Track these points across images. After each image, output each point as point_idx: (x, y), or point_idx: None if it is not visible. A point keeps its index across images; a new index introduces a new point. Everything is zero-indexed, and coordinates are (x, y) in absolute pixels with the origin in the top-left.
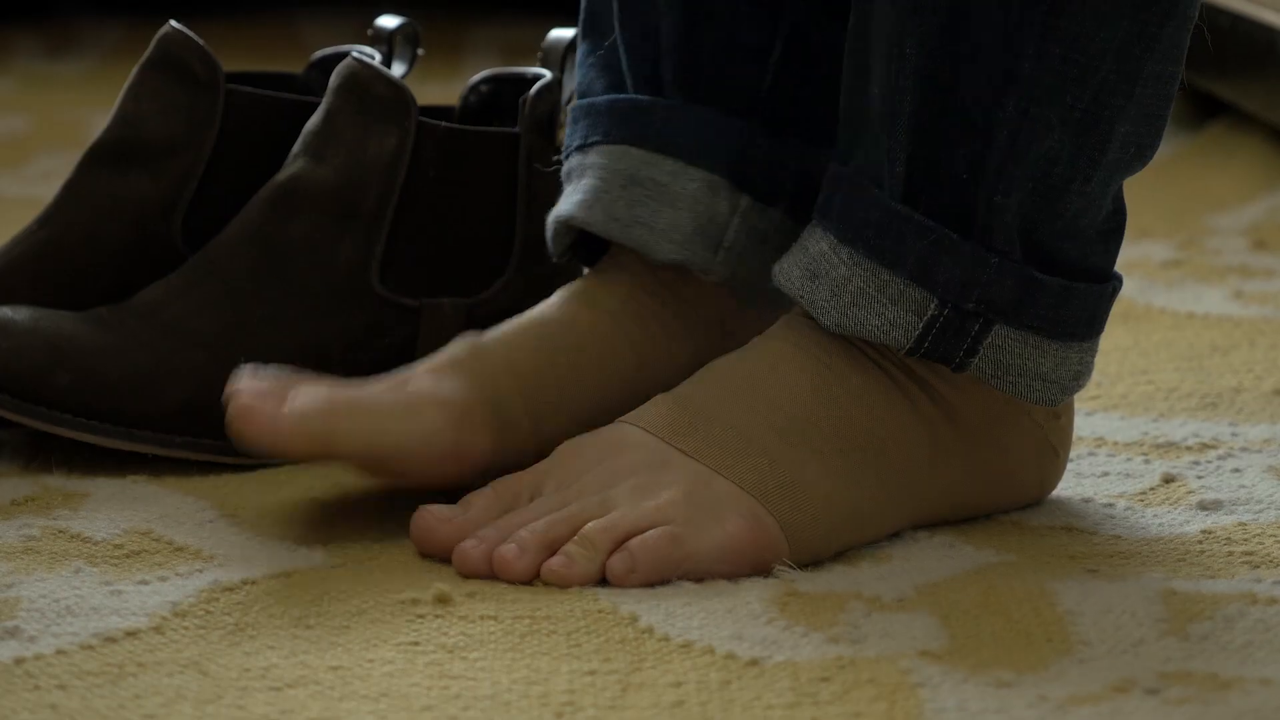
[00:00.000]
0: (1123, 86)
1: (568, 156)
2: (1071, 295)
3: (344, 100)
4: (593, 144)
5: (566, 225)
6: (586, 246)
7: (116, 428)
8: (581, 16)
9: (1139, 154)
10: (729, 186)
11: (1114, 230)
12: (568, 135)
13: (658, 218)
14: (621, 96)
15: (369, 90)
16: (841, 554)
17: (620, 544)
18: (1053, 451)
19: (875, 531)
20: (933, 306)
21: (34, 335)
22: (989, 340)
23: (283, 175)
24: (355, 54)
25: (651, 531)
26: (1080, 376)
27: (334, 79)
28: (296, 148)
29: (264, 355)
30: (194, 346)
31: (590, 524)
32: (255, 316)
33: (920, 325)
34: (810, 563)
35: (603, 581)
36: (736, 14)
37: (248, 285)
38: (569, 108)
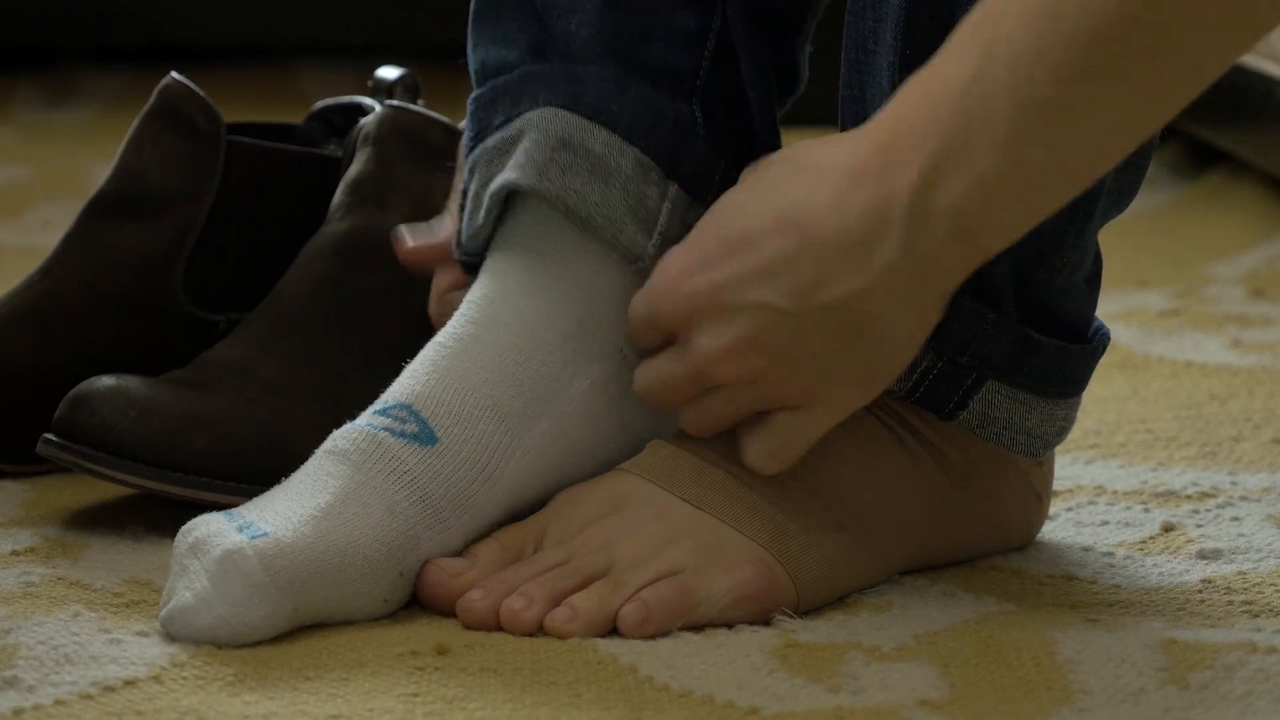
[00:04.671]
0: None
1: (475, 145)
2: (1067, 358)
3: (398, 148)
4: (518, 114)
5: (502, 194)
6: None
7: (253, 487)
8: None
9: (1118, 200)
10: (660, 172)
11: (1095, 276)
12: (470, 123)
13: (589, 189)
14: (545, 65)
15: (424, 137)
16: (841, 603)
17: (627, 598)
18: (1036, 497)
19: (873, 577)
20: (928, 358)
21: (158, 402)
22: (980, 395)
23: (342, 226)
24: (390, 103)
25: (663, 581)
26: (1063, 431)
27: (374, 128)
28: (346, 198)
29: (363, 403)
30: (305, 401)
31: (598, 581)
32: (348, 366)
33: (914, 375)
34: (810, 610)
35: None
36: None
37: (331, 337)
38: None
